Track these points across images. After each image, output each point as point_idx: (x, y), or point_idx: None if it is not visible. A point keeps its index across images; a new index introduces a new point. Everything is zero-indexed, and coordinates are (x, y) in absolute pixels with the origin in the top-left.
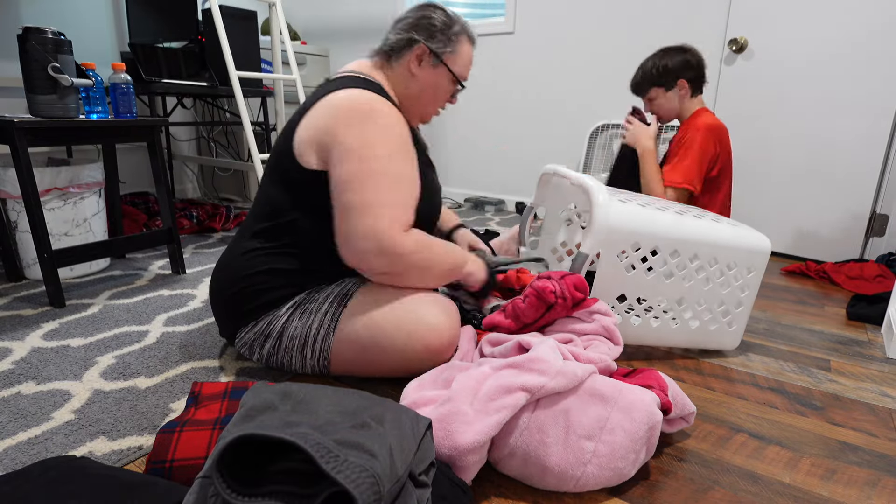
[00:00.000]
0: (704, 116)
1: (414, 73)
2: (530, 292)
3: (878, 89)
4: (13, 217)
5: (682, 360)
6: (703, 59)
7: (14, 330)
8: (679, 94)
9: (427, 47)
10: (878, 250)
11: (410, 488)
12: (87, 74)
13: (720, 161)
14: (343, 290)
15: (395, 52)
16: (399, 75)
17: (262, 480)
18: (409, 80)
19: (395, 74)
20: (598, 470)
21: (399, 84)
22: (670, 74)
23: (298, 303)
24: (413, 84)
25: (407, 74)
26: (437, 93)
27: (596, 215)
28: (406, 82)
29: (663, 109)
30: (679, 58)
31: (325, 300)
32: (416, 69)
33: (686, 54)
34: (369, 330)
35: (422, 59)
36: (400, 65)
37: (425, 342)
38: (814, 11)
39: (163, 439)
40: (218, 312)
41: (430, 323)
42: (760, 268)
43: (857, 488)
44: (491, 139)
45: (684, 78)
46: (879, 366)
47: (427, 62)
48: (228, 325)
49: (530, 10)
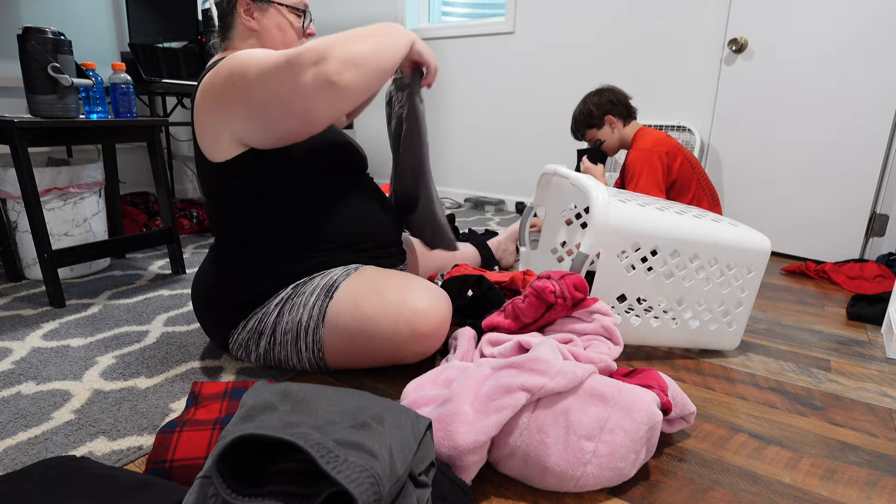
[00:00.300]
0: (642, 140)
1: (252, 28)
2: (530, 292)
3: (878, 89)
4: (13, 217)
5: (682, 360)
6: (621, 93)
7: (14, 330)
8: (612, 129)
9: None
10: (878, 250)
11: (410, 488)
12: (87, 74)
13: (673, 169)
14: (329, 281)
15: (224, 23)
16: (242, 39)
17: (262, 480)
18: (251, 38)
19: (240, 42)
20: (598, 470)
21: (248, 46)
22: (595, 115)
23: (285, 298)
24: (255, 38)
25: (247, 33)
26: (285, 31)
27: (595, 215)
28: (250, 42)
29: (605, 146)
30: (597, 99)
31: (312, 293)
32: (251, 22)
33: (604, 95)
34: (356, 320)
35: (249, 9)
36: (237, 31)
37: (412, 326)
38: (814, 11)
39: (163, 439)
40: (205, 321)
41: (416, 306)
42: (760, 268)
43: (857, 488)
44: (491, 139)
45: (611, 114)
46: (879, 366)
47: (255, 10)
48: (219, 332)
49: (530, 10)
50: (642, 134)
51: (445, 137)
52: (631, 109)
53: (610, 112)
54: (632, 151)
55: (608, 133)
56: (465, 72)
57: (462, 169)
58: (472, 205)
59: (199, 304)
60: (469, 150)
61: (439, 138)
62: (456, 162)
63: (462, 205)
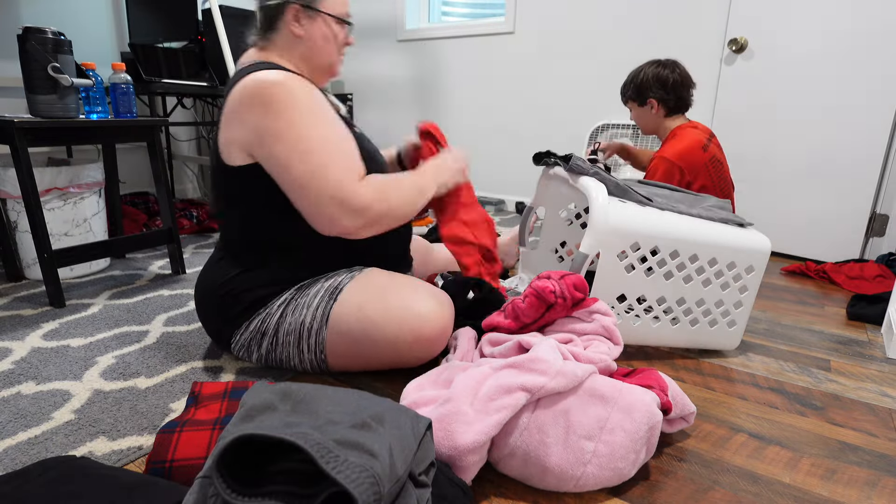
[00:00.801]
0: (673, 142)
1: (298, 34)
2: (530, 292)
3: (878, 89)
4: (13, 217)
5: (682, 360)
6: (684, 80)
7: (14, 330)
8: (651, 113)
9: (297, 4)
10: (878, 250)
11: (410, 488)
12: (87, 74)
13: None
14: (333, 283)
15: (270, 24)
16: (285, 43)
17: (262, 480)
18: (296, 43)
19: (281, 45)
20: (598, 470)
21: (289, 51)
22: (641, 91)
23: (289, 299)
24: (302, 45)
25: (293, 39)
26: (329, 42)
27: (595, 215)
28: (294, 46)
29: (639, 123)
30: (654, 73)
31: (316, 295)
32: (298, 29)
33: (665, 71)
34: (360, 322)
35: (298, 17)
36: (280, 34)
37: (416, 332)
38: (814, 11)
39: (163, 439)
40: (208, 322)
41: (419, 312)
42: (760, 268)
43: (857, 488)
44: (491, 139)
45: (654, 98)
46: (879, 366)
47: (304, 17)
48: (221, 333)
49: (530, 10)
50: (679, 134)
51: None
52: (682, 103)
53: (655, 96)
54: (658, 154)
55: (645, 114)
56: (465, 72)
57: None
58: None
59: (203, 303)
60: (469, 149)
61: None
62: None
63: None
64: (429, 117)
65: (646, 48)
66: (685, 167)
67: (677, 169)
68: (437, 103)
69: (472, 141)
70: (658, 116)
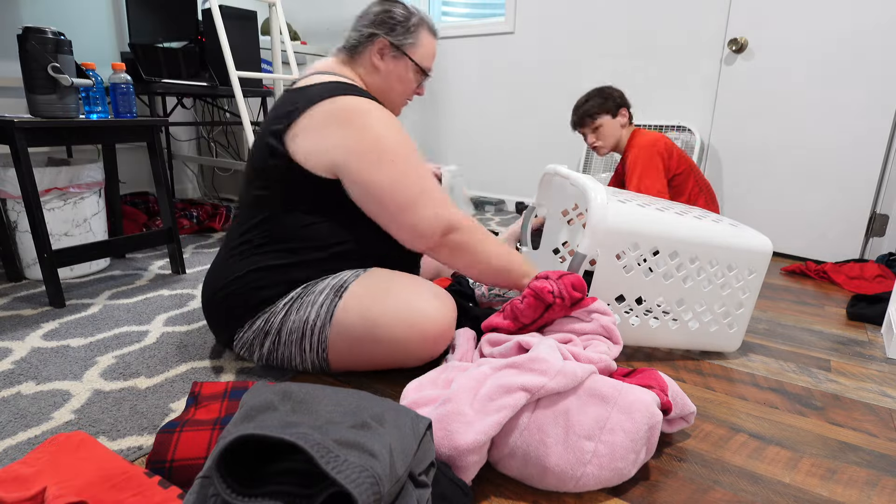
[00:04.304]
0: (640, 138)
1: (377, 67)
2: (528, 292)
3: (877, 89)
4: (13, 217)
5: (682, 361)
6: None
7: (14, 330)
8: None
9: (387, 40)
10: (878, 250)
11: (410, 488)
12: (87, 74)
13: (671, 167)
14: (339, 282)
15: (357, 48)
16: (364, 70)
17: (262, 480)
18: (373, 74)
19: (361, 70)
20: (598, 470)
21: (365, 76)
22: (616, 102)
23: (295, 297)
24: (377, 77)
25: (371, 68)
26: (403, 84)
27: (593, 215)
28: (371, 76)
29: (606, 139)
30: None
31: (321, 293)
32: (379, 62)
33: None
34: (364, 321)
35: (383, 52)
36: (363, 60)
37: (420, 331)
38: (814, 11)
39: (163, 439)
40: (213, 318)
41: (424, 311)
42: (762, 269)
43: (857, 488)
44: (490, 139)
45: (625, 106)
46: (879, 366)
47: (388, 54)
48: (225, 330)
49: (530, 10)
50: (638, 133)
51: (445, 137)
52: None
53: (625, 104)
54: (631, 150)
55: (616, 126)
56: (465, 72)
57: (462, 169)
58: (472, 205)
59: (210, 300)
60: (469, 149)
61: (439, 138)
62: (456, 162)
63: None
64: (428, 117)
65: (646, 48)
66: (662, 148)
67: (656, 153)
68: (437, 103)
69: (472, 141)
70: (623, 125)
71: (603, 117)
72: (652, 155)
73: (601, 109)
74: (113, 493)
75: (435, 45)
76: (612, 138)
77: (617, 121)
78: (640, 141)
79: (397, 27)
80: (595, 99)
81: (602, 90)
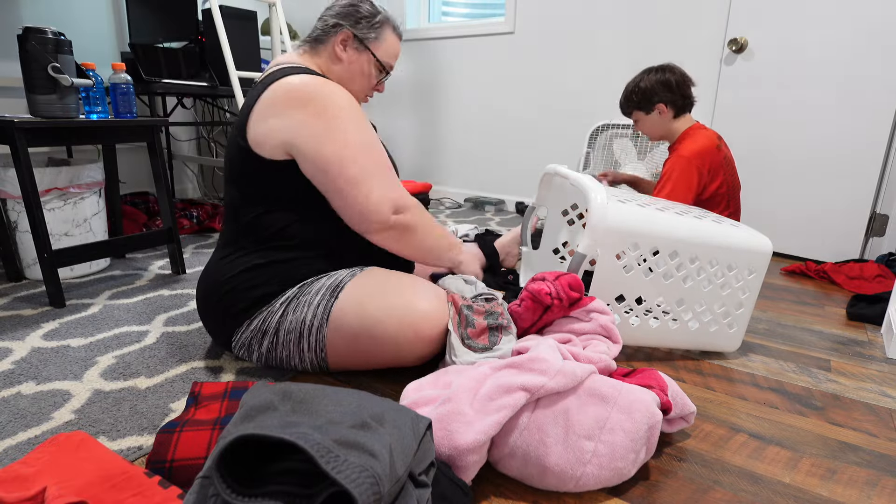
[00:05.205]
0: (688, 142)
1: (339, 56)
2: (526, 295)
3: (877, 89)
4: (13, 217)
5: (682, 361)
6: (685, 79)
7: (14, 330)
8: (660, 117)
9: (351, 32)
10: (878, 250)
11: (410, 488)
12: (87, 74)
13: (710, 188)
14: (335, 282)
15: (321, 38)
16: (325, 60)
17: (262, 480)
18: (335, 64)
19: (323, 60)
20: (597, 470)
21: (327, 66)
22: (647, 98)
23: (291, 297)
24: (339, 67)
25: (333, 58)
26: (363, 77)
27: (593, 215)
28: (332, 65)
29: (647, 132)
30: (656, 79)
31: (318, 293)
32: (342, 52)
33: (665, 74)
34: (361, 319)
35: (346, 42)
36: (326, 50)
37: (416, 329)
38: (814, 11)
39: (163, 439)
40: (209, 320)
41: (421, 309)
42: (761, 269)
43: (857, 488)
44: (491, 139)
45: (662, 101)
46: (879, 366)
47: (351, 46)
48: (222, 331)
49: (530, 10)
50: (691, 134)
51: (445, 137)
52: (687, 101)
53: (663, 100)
54: (672, 155)
55: (653, 121)
56: (465, 72)
57: (462, 169)
58: (472, 205)
59: (205, 302)
60: (469, 150)
61: (439, 138)
62: (456, 162)
63: (462, 205)
64: (428, 117)
65: (646, 48)
66: (704, 168)
67: (695, 169)
68: (437, 103)
69: (472, 141)
70: (667, 120)
71: (636, 113)
72: (690, 169)
73: (634, 106)
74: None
75: (398, 46)
76: (653, 132)
77: (652, 117)
78: (686, 148)
79: (362, 21)
80: (631, 95)
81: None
